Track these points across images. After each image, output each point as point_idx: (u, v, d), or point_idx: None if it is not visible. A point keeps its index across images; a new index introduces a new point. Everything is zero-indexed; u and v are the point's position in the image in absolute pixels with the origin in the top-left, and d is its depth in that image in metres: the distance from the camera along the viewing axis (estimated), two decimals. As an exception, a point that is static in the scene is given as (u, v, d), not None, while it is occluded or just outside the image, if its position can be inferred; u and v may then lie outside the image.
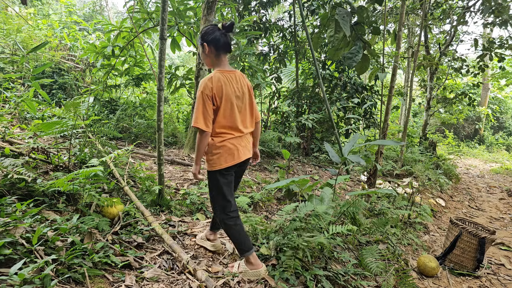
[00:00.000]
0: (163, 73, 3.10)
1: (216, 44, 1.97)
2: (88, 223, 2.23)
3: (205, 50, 2.00)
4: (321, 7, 6.51)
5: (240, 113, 2.04)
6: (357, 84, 7.30)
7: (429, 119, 10.15)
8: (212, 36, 1.96)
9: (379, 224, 2.80)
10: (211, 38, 1.96)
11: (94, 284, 1.82)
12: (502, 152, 15.43)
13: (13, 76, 4.12)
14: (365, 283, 2.31)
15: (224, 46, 1.98)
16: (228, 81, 1.97)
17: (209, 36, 1.97)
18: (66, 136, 4.37)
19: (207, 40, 1.97)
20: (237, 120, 2.02)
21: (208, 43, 1.97)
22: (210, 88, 1.89)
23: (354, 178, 5.83)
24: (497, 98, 18.12)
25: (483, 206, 5.98)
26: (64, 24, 9.06)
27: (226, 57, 2.04)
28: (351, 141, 2.94)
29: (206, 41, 1.98)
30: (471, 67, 9.00)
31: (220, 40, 1.96)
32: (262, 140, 6.35)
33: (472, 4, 8.07)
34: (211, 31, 1.97)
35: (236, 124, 2.02)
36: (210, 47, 1.98)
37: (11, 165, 2.51)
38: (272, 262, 2.32)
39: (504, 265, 3.36)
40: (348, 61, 3.37)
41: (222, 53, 2.00)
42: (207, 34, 1.98)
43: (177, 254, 2.27)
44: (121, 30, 5.90)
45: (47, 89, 6.97)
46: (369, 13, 3.54)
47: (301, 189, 3.62)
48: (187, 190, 3.40)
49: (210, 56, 2.01)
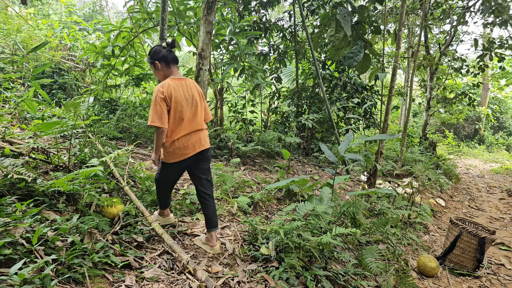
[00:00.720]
0: (163, 73, 3.10)
1: (165, 60, 2.33)
2: (88, 223, 2.23)
3: (157, 67, 2.35)
4: (321, 7, 6.50)
5: (189, 113, 2.34)
6: (357, 84, 7.30)
7: (429, 119, 10.15)
8: (160, 55, 2.32)
9: (379, 224, 2.80)
10: (160, 56, 2.32)
11: (94, 284, 1.82)
12: (502, 152, 15.43)
13: (13, 76, 4.11)
14: (365, 283, 2.31)
15: (172, 59, 2.36)
16: (178, 87, 2.29)
17: (158, 55, 2.33)
18: (66, 136, 4.37)
19: (157, 59, 2.33)
20: (187, 119, 2.33)
21: (158, 60, 2.33)
22: (162, 92, 2.20)
23: (354, 178, 5.83)
24: (497, 98, 18.11)
25: (483, 206, 5.98)
26: (64, 24, 9.06)
27: (176, 67, 2.39)
28: (346, 140, 2.95)
29: (156, 60, 2.33)
30: (471, 67, 8.99)
31: (168, 56, 2.33)
32: (262, 140, 6.35)
33: (472, 4, 8.07)
34: (158, 51, 2.33)
35: (186, 123, 2.33)
36: (161, 63, 2.34)
37: (11, 165, 2.50)
38: (273, 264, 2.32)
39: (504, 265, 3.36)
40: (349, 61, 3.36)
41: (172, 65, 2.36)
42: (155, 54, 2.33)
43: (177, 254, 2.27)
44: (121, 30, 5.90)
45: (47, 89, 6.97)
46: (370, 12, 3.54)
47: (301, 189, 3.62)
48: (187, 190, 3.40)
49: (162, 70, 2.36)
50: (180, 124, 2.30)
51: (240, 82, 7.26)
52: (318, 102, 7.23)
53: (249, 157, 5.95)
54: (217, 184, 3.87)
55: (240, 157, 5.69)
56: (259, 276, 2.18)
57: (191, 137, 2.36)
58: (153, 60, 2.34)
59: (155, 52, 2.33)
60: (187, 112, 2.32)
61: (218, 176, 3.90)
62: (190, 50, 11.07)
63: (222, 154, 5.68)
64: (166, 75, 2.37)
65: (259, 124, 8.27)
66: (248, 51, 5.81)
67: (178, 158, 2.34)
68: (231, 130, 7.08)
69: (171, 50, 2.37)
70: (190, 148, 2.36)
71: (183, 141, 2.33)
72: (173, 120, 2.26)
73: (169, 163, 2.38)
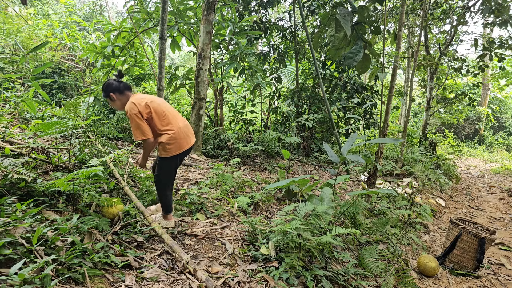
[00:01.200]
0: (163, 73, 3.11)
1: (118, 90, 2.48)
2: (88, 223, 2.23)
3: (112, 98, 2.49)
4: (321, 7, 6.50)
5: (170, 109, 2.58)
6: (357, 84, 7.30)
7: (429, 119, 10.15)
8: (113, 87, 2.47)
9: (379, 224, 2.80)
10: (113, 88, 2.47)
11: (94, 284, 1.82)
12: (502, 152, 15.43)
13: (13, 76, 4.11)
14: (365, 283, 2.31)
15: (125, 87, 2.51)
16: (143, 97, 2.47)
17: (110, 87, 2.47)
18: (66, 136, 4.37)
19: (111, 91, 2.47)
20: (171, 114, 2.55)
21: (112, 92, 2.47)
22: (132, 108, 2.38)
23: (354, 178, 5.83)
24: (497, 98, 18.11)
25: (483, 206, 5.98)
26: (64, 24, 9.05)
27: (130, 92, 2.54)
28: (350, 140, 2.94)
29: (110, 92, 2.48)
30: (471, 67, 8.99)
31: (119, 86, 2.49)
32: (262, 140, 6.35)
33: (472, 4, 8.07)
34: (111, 84, 2.48)
35: (174, 116, 2.57)
36: (115, 94, 2.48)
37: (11, 165, 2.50)
38: (273, 264, 2.32)
39: (504, 265, 3.36)
40: (349, 61, 3.36)
41: (126, 92, 2.51)
42: (109, 87, 2.47)
43: (177, 254, 2.27)
44: (121, 30, 5.90)
45: (47, 89, 6.96)
46: (370, 12, 3.54)
47: (301, 189, 3.62)
48: (187, 190, 3.40)
49: (118, 99, 2.50)
50: (168, 117, 2.50)
51: (240, 82, 7.27)
52: (318, 102, 7.23)
53: (249, 157, 5.95)
54: (217, 184, 3.87)
55: (240, 157, 5.69)
56: (259, 276, 2.18)
57: (187, 129, 2.62)
58: (107, 94, 2.48)
59: (107, 86, 2.48)
60: (168, 108, 2.55)
61: (218, 176, 3.90)
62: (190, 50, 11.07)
63: (222, 154, 5.68)
64: (124, 102, 2.51)
65: (259, 124, 8.27)
66: (248, 51, 5.81)
67: (181, 149, 2.54)
68: (231, 130, 7.08)
69: (121, 80, 2.55)
70: (190, 137, 2.62)
71: (183, 131, 2.56)
72: (161, 118, 2.47)
73: (170, 157, 2.53)
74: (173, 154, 2.53)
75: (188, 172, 4.33)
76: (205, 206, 3.22)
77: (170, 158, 2.54)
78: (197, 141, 5.41)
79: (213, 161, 5.31)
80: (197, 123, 5.42)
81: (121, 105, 2.51)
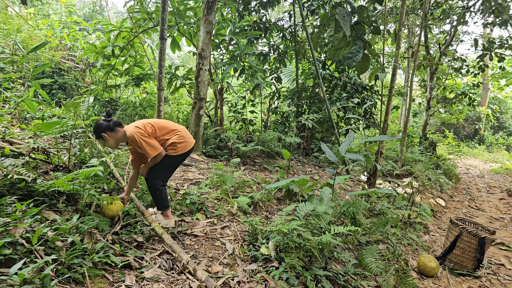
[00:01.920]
0: (163, 73, 3.11)
1: (109, 128, 2.48)
2: (88, 223, 2.23)
3: (105, 138, 2.49)
4: (321, 7, 6.50)
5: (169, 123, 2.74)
6: (357, 84, 7.30)
7: (429, 119, 10.15)
8: (103, 127, 2.47)
9: (379, 224, 2.80)
10: (103, 128, 2.47)
11: (94, 284, 1.82)
12: (502, 152, 15.43)
13: (13, 76, 4.12)
14: (365, 283, 2.31)
15: (115, 124, 2.51)
16: (142, 121, 2.63)
17: (101, 128, 2.47)
18: (66, 136, 4.37)
19: (103, 132, 2.47)
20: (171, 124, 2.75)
21: (103, 132, 2.47)
22: (138, 131, 2.51)
23: (354, 178, 5.83)
24: (497, 98, 18.12)
25: (483, 206, 5.98)
26: (64, 24, 9.05)
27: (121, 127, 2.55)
28: (347, 140, 2.95)
29: (101, 133, 2.47)
30: (471, 67, 8.99)
31: (109, 125, 2.48)
32: (262, 140, 6.35)
33: (472, 4, 8.07)
34: (100, 125, 2.48)
35: (173, 125, 2.76)
36: (106, 133, 2.48)
37: (11, 165, 2.50)
38: (273, 264, 2.32)
39: (504, 265, 3.36)
40: (348, 61, 3.37)
41: (117, 128, 2.52)
42: (99, 128, 2.47)
43: (177, 254, 2.27)
44: (121, 30, 5.90)
45: (47, 89, 6.96)
46: (369, 12, 3.54)
47: (301, 189, 3.61)
48: (187, 190, 3.40)
49: (111, 137, 2.50)
50: (169, 127, 2.71)
51: (240, 82, 7.27)
52: (318, 102, 7.23)
53: (249, 157, 5.95)
54: (217, 184, 3.87)
55: (240, 157, 5.69)
56: (259, 276, 2.18)
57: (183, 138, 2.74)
58: (99, 135, 2.49)
59: (97, 127, 2.48)
60: (166, 121, 2.76)
61: (218, 176, 3.90)
62: (190, 50, 11.06)
63: (222, 154, 5.68)
64: (117, 139, 2.54)
65: (259, 124, 8.28)
66: (248, 51, 5.81)
67: (188, 147, 2.73)
68: (231, 130, 7.08)
69: (110, 119, 2.53)
70: (192, 138, 2.81)
71: (187, 132, 2.78)
72: (163, 129, 2.68)
73: (177, 155, 2.69)
74: (182, 152, 2.69)
75: (188, 172, 4.33)
76: (205, 206, 3.22)
77: (177, 156, 2.69)
78: (197, 141, 5.41)
79: (213, 161, 5.31)
80: (197, 123, 5.42)
81: (115, 142, 2.54)
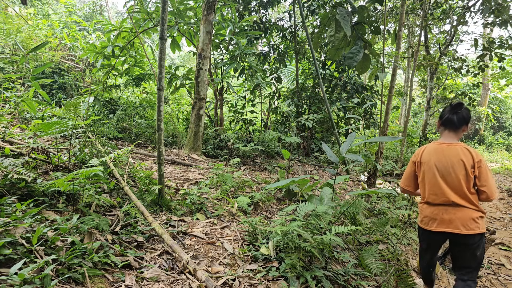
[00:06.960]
0: (163, 73, 3.10)
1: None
2: (88, 223, 2.23)
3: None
4: (321, 7, 6.50)
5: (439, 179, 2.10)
6: (357, 84, 7.30)
7: (429, 119, 10.15)
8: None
9: (379, 224, 2.80)
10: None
11: (94, 284, 1.82)
12: (502, 152, 15.43)
13: (13, 76, 4.12)
14: (365, 283, 2.31)
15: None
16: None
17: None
18: (66, 136, 4.37)
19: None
20: (434, 184, 2.08)
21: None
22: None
23: (354, 178, 5.83)
24: (497, 98, 18.12)
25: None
26: (64, 24, 9.05)
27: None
28: (348, 140, 2.95)
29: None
30: (471, 67, 8.99)
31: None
32: (262, 140, 6.35)
33: (472, 4, 8.07)
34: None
35: (432, 188, 2.09)
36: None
37: (11, 165, 2.50)
38: (273, 264, 2.32)
39: (504, 265, 3.36)
40: (349, 61, 3.36)
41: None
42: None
43: (177, 254, 2.26)
44: (121, 30, 5.89)
45: (47, 89, 6.96)
46: (369, 12, 3.54)
47: (301, 189, 3.61)
48: (187, 190, 3.40)
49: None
50: (424, 187, 2.11)
51: (240, 82, 7.27)
52: (318, 102, 7.23)
53: (249, 157, 5.95)
54: (217, 184, 3.87)
55: (240, 157, 5.69)
56: (259, 276, 2.18)
57: (438, 210, 2.03)
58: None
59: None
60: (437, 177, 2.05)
61: (218, 176, 3.90)
62: (190, 50, 11.06)
63: (222, 154, 5.68)
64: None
65: (259, 124, 8.27)
66: (248, 51, 5.81)
67: (424, 225, 2.11)
68: (231, 130, 7.08)
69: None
70: (438, 222, 2.02)
71: (430, 209, 2.07)
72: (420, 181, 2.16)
73: (419, 226, 2.18)
74: (420, 225, 2.20)
75: (188, 172, 4.33)
76: (205, 206, 3.22)
77: (419, 228, 2.20)
78: (197, 141, 5.41)
79: (213, 161, 5.31)
80: (197, 123, 5.42)
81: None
